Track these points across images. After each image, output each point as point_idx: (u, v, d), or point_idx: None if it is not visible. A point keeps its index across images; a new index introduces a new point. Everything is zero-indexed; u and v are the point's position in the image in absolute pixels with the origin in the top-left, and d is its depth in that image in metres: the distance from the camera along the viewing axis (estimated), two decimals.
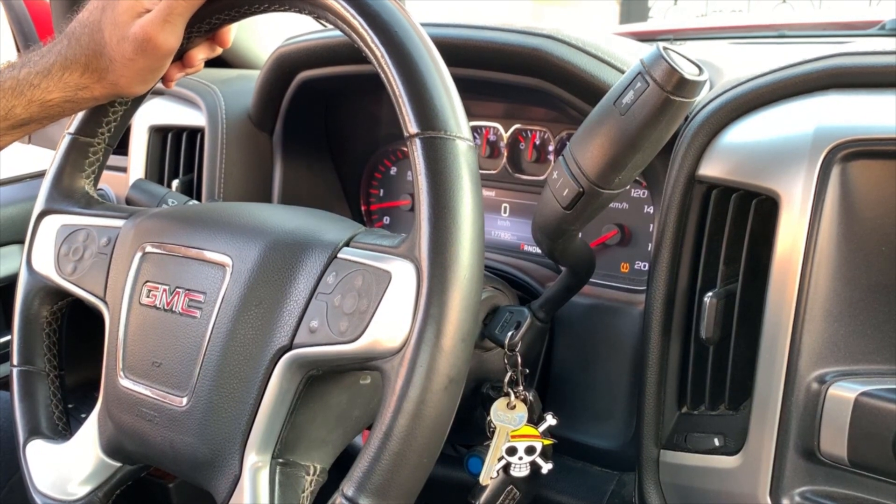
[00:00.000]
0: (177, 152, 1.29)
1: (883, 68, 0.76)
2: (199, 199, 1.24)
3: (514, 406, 0.88)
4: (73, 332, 0.97)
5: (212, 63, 0.89)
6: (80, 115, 0.87)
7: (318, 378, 0.71)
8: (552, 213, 0.79)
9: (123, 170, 1.36)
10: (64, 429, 0.89)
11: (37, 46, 0.80)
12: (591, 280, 0.92)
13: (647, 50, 0.72)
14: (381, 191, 1.28)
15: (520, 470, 0.88)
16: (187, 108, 1.27)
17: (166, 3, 0.75)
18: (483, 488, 0.89)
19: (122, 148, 1.26)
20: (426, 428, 0.61)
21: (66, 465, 0.84)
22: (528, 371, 0.89)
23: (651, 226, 1.02)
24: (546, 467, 0.89)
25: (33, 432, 0.88)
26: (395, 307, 0.63)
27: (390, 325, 0.63)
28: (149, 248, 0.80)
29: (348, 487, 0.62)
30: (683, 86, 0.69)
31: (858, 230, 0.73)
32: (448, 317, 0.61)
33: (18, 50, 1.65)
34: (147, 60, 0.77)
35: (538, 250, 1.07)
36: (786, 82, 0.81)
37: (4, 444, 1.22)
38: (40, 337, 0.89)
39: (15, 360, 0.89)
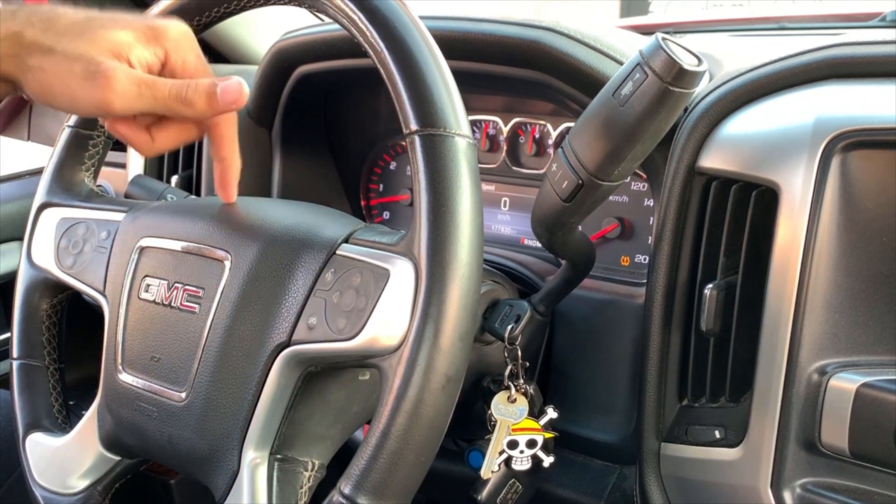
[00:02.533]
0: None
1: (883, 58, 0.76)
2: (198, 195, 1.23)
3: (515, 399, 0.87)
4: (75, 328, 0.97)
5: (210, 59, 0.89)
6: None
7: (317, 374, 0.71)
8: (551, 205, 0.79)
9: (122, 166, 1.36)
10: (64, 422, 0.89)
11: None
12: (591, 274, 0.92)
13: (646, 42, 0.71)
14: (381, 185, 1.27)
15: (521, 463, 0.88)
16: None
17: (154, 78, 0.67)
18: (485, 482, 0.88)
19: (120, 144, 1.26)
20: (424, 427, 0.61)
21: (66, 458, 0.84)
22: (528, 364, 0.89)
23: (651, 219, 1.02)
24: (548, 461, 0.88)
25: (33, 425, 0.87)
26: (393, 305, 0.63)
27: (388, 323, 0.63)
28: (148, 243, 0.79)
29: (346, 486, 0.62)
30: (682, 76, 0.69)
31: (859, 221, 0.72)
32: (446, 315, 0.60)
33: None
34: (86, 95, 0.65)
35: (538, 244, 1.07)
36: (785, 72, 0.80)
37: (3, 442, 1.22)
38: (40, 330, 0.89)
39: (15, 353, 0.89)
